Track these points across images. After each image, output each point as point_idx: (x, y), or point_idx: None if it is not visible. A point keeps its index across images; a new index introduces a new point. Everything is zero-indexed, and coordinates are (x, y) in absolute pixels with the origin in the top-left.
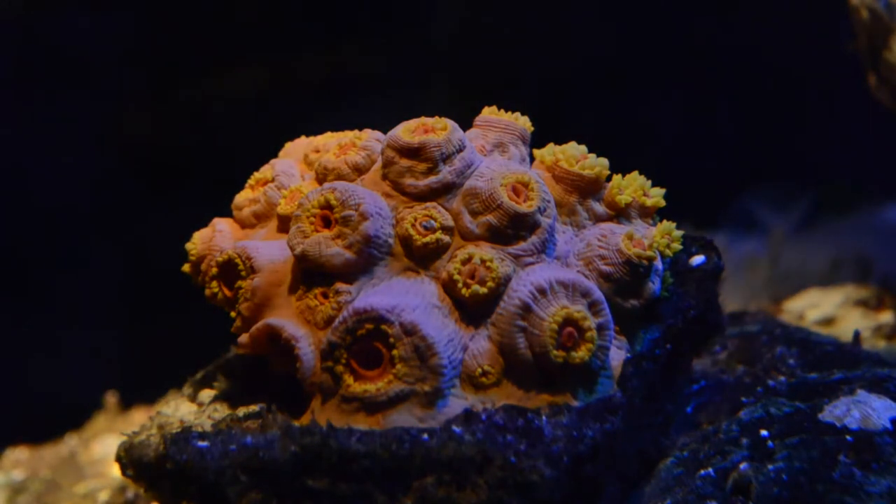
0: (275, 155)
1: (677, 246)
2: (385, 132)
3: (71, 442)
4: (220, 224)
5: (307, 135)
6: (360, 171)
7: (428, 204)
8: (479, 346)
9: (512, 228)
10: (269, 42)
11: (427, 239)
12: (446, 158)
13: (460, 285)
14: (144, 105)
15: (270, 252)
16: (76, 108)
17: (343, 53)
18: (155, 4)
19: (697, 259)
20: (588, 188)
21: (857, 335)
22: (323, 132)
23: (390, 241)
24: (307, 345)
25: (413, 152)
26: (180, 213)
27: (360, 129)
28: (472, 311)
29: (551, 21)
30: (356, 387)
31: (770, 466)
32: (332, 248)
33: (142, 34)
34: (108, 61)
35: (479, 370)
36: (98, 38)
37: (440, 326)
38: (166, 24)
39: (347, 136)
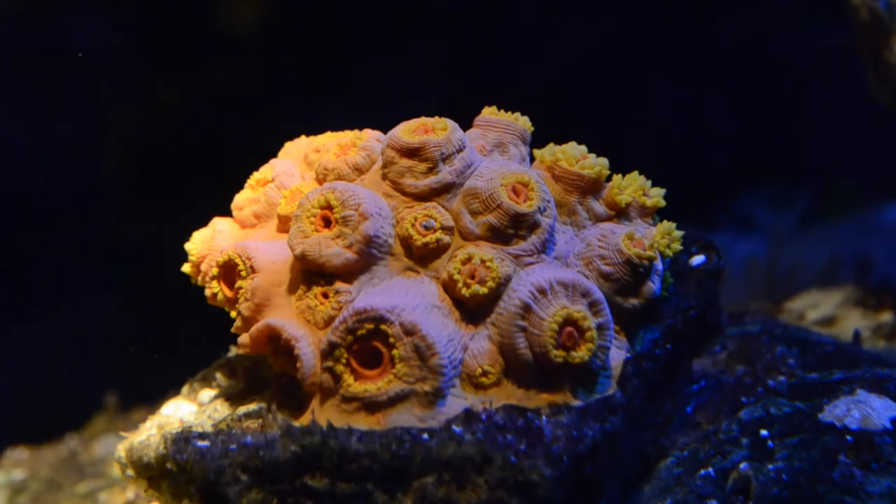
0: (275, 155)
1: (677, 246)
2: (385, 132)
3: (71, 442)
4: (220, 224)
5: (307, 135)
6: (360, 171)
7: (428, 204)
8: (480, 345)
9: (512, 228)
10: (270, 41)
11: (427, 239)
12: (446, 158)
13: (460, 285)
14: (145, 104)
15: (271, 252)
16: (76, 108)
17: (343, 53)
18: (154, 3)
19: (697, 259)
20: (588, 188)
21: (857, 335)
22: (323, 132)
23: (390, 240)
24: (307, 345)
25: (413, 152)
26: (180, 213)
27: (360, 129)
28: (473, 310)
29: (551, 20)
30: (356, 386)
31: (770, 466)
32: (332, 247)
33: (142, 33)
34: (108, 60)
35: (480, 370)
36: (98, 36)
37: (440, 326)
38: (166, 24)
39: (347, 136)
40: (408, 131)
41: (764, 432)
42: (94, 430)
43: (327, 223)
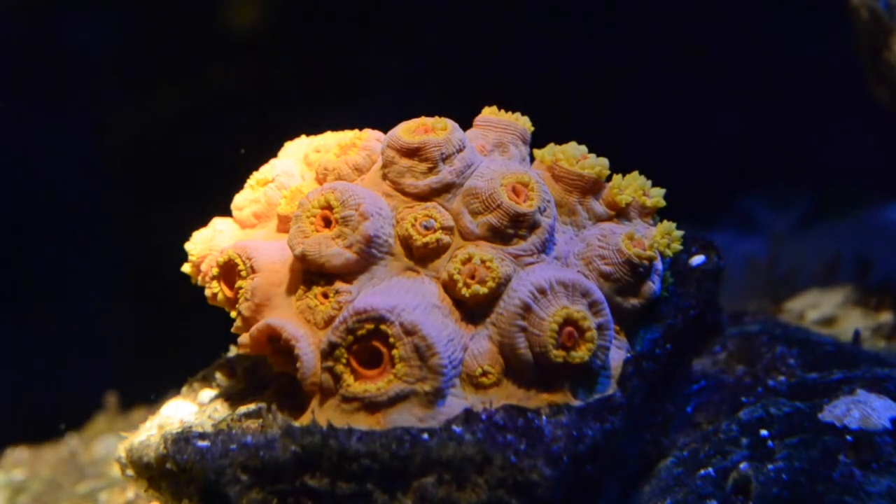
0: (275, 155)
1: (677, 246)
2: (385, 132)
3: (71, 442)
4: (220, 224)
5: (307, 135)
6: (360, 171)
7: (428, 204)
8: (480, 345)
9: (512, 228)
10: (270, 41)
11: (427, 239)
12: (446, 158)
13: (460, 285)
14: (145, 104)
15: (271, 252)
16: (77, 108)
17: (343, 53)
18: (154, 4)
19: (697, 259)
20: (588, 188)
21: (857, 335)
22: (323, 132)
23: (390, 240)
24: (307, 345)
25: (413, 152)
26: (180, 212)
27: (360, 129)
28: (473, 310)
29: (551, 20)
30: (356, 386)
31: (770, 466)
32: (332, 247)
33: (142, 33)
34: (108, 60)
35: (480, 370)
36: (98, 36)
37: (440, 326)
38: (166, 24)
39: (347, 136)
40: (408, 131)
41: (764, 432)
42: (94, 430)
43: (327, 223)
